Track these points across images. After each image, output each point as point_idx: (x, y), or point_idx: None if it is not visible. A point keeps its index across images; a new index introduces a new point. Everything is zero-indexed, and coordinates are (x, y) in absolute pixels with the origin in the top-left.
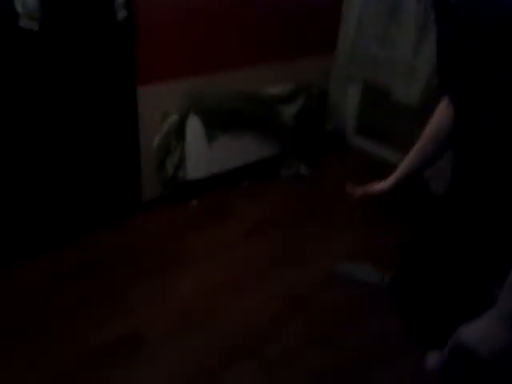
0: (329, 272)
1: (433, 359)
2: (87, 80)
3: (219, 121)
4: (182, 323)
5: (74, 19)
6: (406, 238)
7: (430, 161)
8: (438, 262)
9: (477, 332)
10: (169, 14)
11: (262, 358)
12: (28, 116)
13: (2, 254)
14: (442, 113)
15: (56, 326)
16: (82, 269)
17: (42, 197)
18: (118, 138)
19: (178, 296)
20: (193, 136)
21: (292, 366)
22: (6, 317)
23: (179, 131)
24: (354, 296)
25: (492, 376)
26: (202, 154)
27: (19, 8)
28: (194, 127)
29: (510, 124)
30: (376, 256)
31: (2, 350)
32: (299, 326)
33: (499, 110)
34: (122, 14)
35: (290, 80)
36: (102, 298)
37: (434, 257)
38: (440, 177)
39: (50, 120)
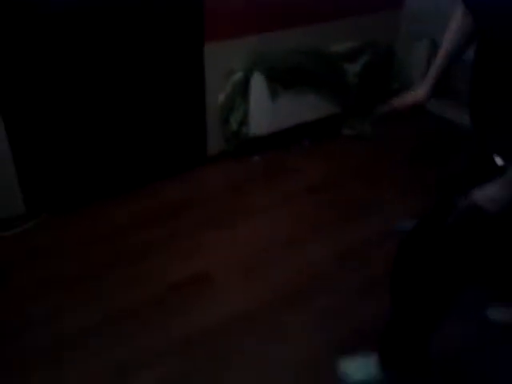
0: (386, 230)
1: None
2: (158, 37)
3: (282, 78)
4: (241, 269)
5: None
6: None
7: (459, 55)
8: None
9: (487, 193)
10: None
11: (314, 306)
12: (106, 72)
13: (80, 195)
14: (461, 20)
15: (132, 264)
16: (152, 214)
17: (117, 147)
18: (185, 94)
19: (238, 244)
20: (256, 93)
21: (342, 318)
22: (84, 253)
23: (243, 88)
24: None
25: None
26: (265, 111)
27: None
28: (258, 84)
29: None
30: None
31: (83, 275)
32: (350, 279)
33: None
34: None
35: (355, 37)
36: (166, 243)
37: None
38: None
39: (124, 78)
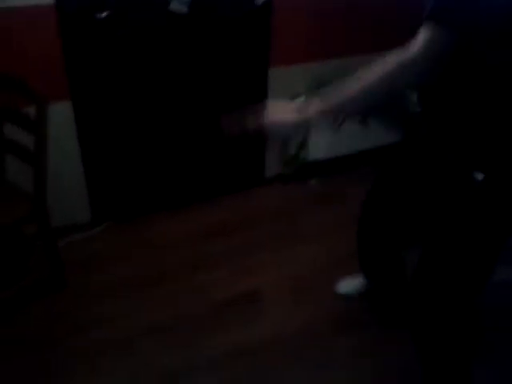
0: None
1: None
2: (226, 59)
3: None
4: (290, 291)
5: (218, 3)
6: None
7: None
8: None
9: (275, 114)
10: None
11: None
12: (174, 92)
13: (142, 206)
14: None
15: (182, 277)
16: (206, 231)
17: (179, 164)
18: None
19: (285, 267)
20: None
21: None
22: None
23: None
24: None
25: None
26: (326, 136)
27: None
28: None
29: None
30: None
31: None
32: None
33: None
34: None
35: None
36: (216, 260)
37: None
38: None
39: (191, 98)
